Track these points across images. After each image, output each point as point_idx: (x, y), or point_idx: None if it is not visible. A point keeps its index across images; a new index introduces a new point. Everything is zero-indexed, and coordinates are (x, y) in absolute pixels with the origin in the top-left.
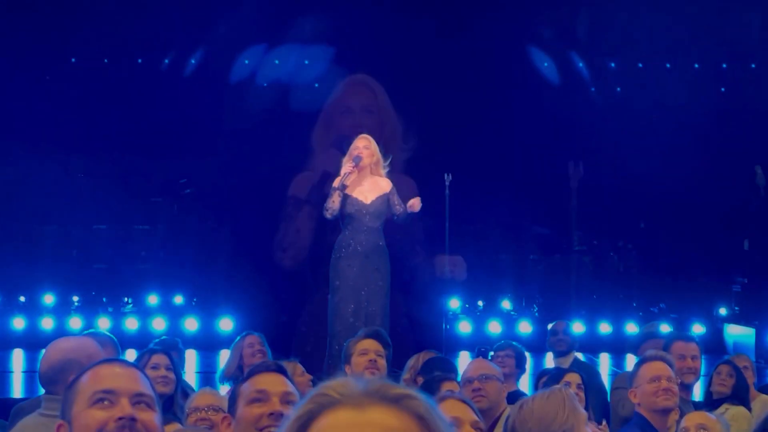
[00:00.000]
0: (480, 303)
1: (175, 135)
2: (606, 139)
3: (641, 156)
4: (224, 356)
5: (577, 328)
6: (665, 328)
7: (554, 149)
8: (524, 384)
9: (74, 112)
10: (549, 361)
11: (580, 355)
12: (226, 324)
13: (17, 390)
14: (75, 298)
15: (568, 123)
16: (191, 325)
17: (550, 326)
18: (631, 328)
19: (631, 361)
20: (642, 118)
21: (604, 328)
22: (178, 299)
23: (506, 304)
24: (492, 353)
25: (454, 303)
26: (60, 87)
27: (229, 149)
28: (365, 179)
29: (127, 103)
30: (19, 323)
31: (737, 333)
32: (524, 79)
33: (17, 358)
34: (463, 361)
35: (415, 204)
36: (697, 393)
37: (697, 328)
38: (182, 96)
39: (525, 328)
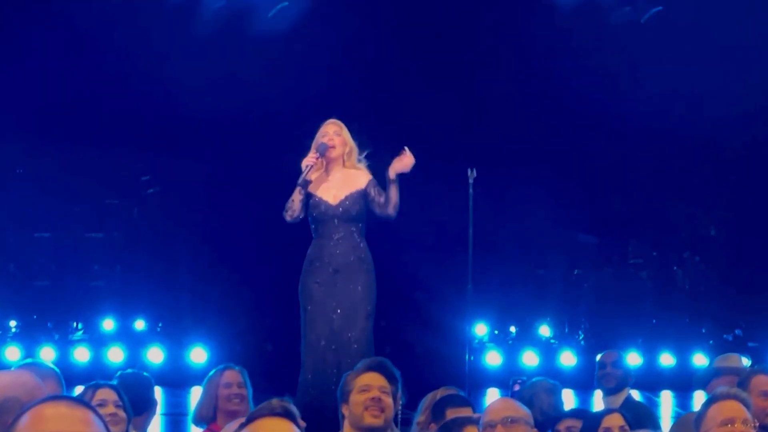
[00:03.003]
0: (512, 329)
1: (135, 120)
2: (665, 118)
3: (712, 136)
4: (196, 395)
5: (633, 359)
6: (742, 360)
7: (602, 137)
8: None
9: (7, 89)
10: (598, 400)
11: (635, 393)
12: (198, 355)
13: None
14: (12, 323)
15: (615, 101)
16: (155, 356)
17: (598, 357)
18: (700, 359)
19: (699, 400)
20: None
21: (666, 359)
22: (139, 324)
23: (545, 330)
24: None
25: (481, 329)
26: None
27: (203, 138)
28: (335, 173)
29: (75, 79)
30: None
31: None
32: (562, 50)
33: None
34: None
35: (399, 165)
36: None
37: None
38: (145, 69)
39: (568, 359)
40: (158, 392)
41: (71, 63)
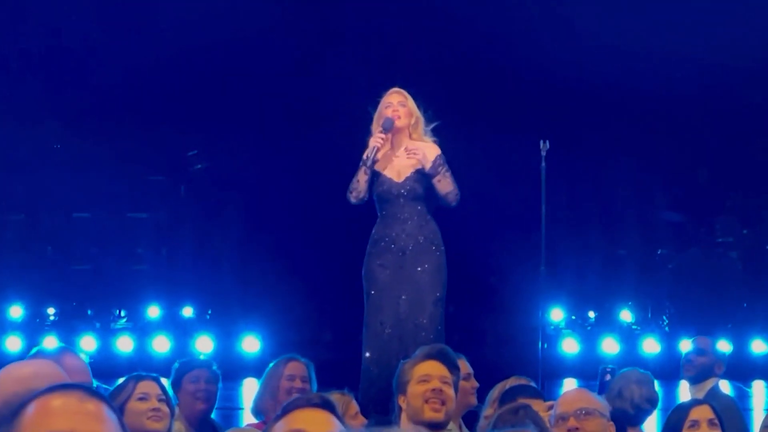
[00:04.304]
0: (591, 314)
1: (181, 91)
2: (754, 87)
3: None
4: (248, 387)
5: (722, 347)
6: None
7: (687, 106)
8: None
9: (45, 60)
10: (684, 390)
11: (724, 383)
12: (250, 344)
13: None
14: (50, 311)
15: (701, 70)
16: (204, 345)
17: (684, 344)
18: None
19: None
20: None
21: (759, 347)
22: (187, 311)
23: (626, 315)
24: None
25: (557, 314)
26: (22, 30)
27: (254, 110)
28: (401, 147)
29: (116, 48)
30: None
31: None
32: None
33: None
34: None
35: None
36: None
37: None
38: (190, 36)
39: (651, 346)
40: None
41: (111, 32)
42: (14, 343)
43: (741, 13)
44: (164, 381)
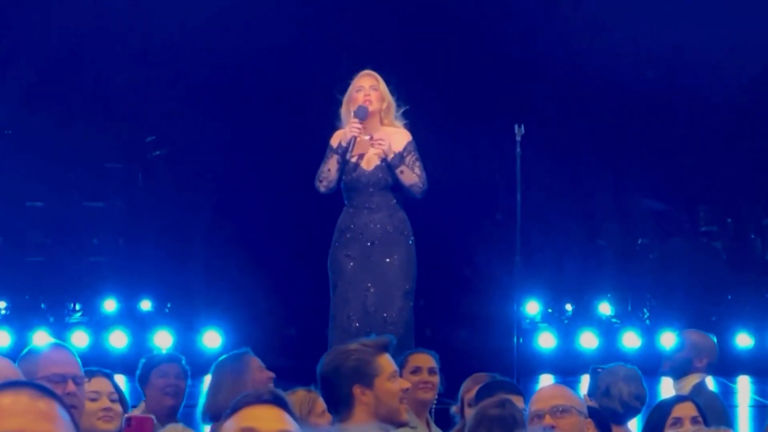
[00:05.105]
0: (568, 307)
1: (139, 73)
2: (740, 71)
3: None
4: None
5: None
6: None
7: (668, 87)
8: None
9: None
10: (667, 386)
11: (708, 379)
12: (211, 339)
13: None
14: (1, 304)
15: (684, 51)
16: (163, 340)
17: (666, 338)
18: None
19: None
20: None
21: (743, 340)
22: (145, 305)
23: (605, 308)
24: None
25: (532, 307)
26: None
27: (216, 93)
28: (371, 133)
29: (71, 28)
30: None
31: None
32: None
33: None
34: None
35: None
36: None
37: None
38: (148, 16)
39: (631, 340)
40: None
41: (64, 14)
42: None
43: None
44: (118, 377)
